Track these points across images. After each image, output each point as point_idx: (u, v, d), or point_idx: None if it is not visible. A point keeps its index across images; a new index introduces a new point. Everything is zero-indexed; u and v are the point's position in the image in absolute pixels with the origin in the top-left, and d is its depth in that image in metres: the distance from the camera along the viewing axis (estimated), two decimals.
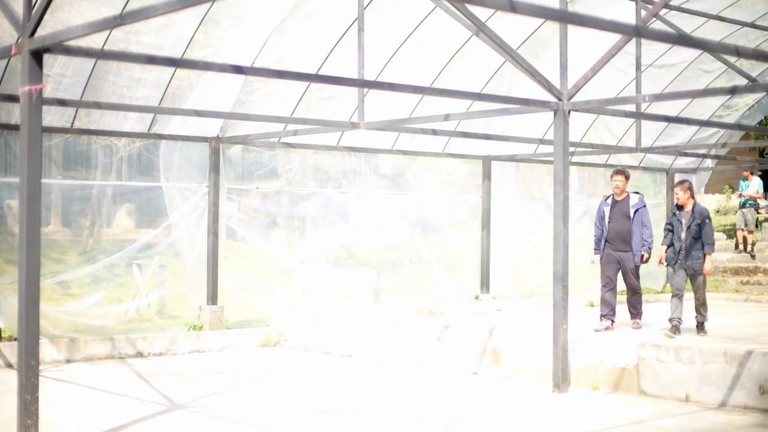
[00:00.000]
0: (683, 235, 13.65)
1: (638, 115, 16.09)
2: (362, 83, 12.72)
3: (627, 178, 14.73)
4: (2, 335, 13.85)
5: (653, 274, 21.83)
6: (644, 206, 14.62)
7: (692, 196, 13.88)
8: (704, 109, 22.01)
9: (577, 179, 22.09)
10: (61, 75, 14.01)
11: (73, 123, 14.69)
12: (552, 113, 12.00)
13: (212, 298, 15.92)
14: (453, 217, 20.23)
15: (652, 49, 17.96)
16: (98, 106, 13.87)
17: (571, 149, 16.97)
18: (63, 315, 14.60)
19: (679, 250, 13.70)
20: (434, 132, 16.52)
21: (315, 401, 11.04)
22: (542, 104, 12.22)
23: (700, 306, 13.62)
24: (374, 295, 18.40)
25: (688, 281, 13.77)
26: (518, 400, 11.17)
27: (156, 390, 11.62)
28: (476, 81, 17.43)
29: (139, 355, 14.35)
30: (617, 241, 14.47)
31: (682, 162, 23.78)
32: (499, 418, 10.17)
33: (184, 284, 16.26)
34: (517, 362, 12.56)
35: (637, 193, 14.80)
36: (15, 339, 13.15)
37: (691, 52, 19.16)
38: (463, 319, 15.68)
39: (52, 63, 13.69)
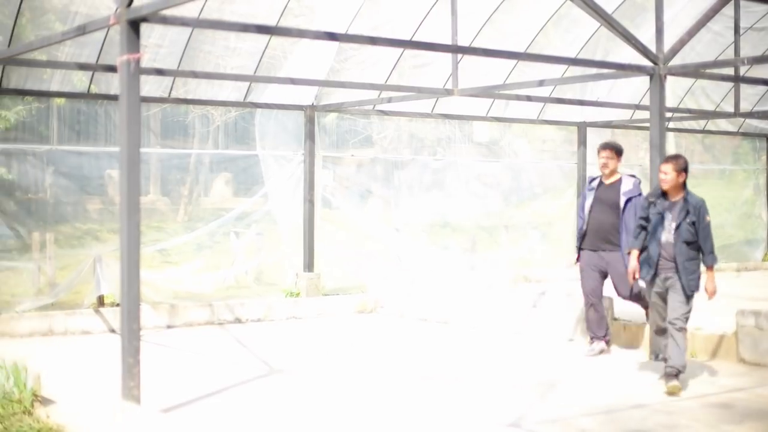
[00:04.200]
0: (665, 237, 9.58)
1: (737, 79, 15.82)
2: (456, 49, 12.71)
3: (618, 153, 11.56)
4: (105, 301, 14.16)
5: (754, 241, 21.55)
6: (640, 194, 11.23)
7: (686, 181, 9.73)
8: None
9: (674, 146, 21.79)
10: (158, 45, 14.21)
11: (170, 93, 14.90)
12: (648, 78, 11.84)
13: (309, 266, 16.06)
14: (548, 185, 20.15)
15: (751, 11, 17.60)
16: (194, 75, 14.06)
17: (668, 115, 16.76)
18: (163, 282, 14.86)
19: (657, 259, 9.62)
20: (528, 98, 16.43)
21: (412, 367, 11.10)
22: (638, 69, 12.08)
23: (677, 334, 9.55)
24: (469, 262, 18.39)
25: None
26: (614, 367, 11.09)
27: (254, 355, 11.79)
28: (571, 47, 17.26)
29: (237, 321, 14.55)
30: (597, 238, 11.47)
31: None
32: (595, 384, 10.12)
33: (281, 252, 16.43)
34: (613, 329, 12.46)
35: (633, 176, 11.62)
36: (117, 305, 13.46)
37: None
38: (559, 285, 15.59)
39: (149, 33, 13.89)
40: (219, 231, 16.07)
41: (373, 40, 12.63)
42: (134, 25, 7.84)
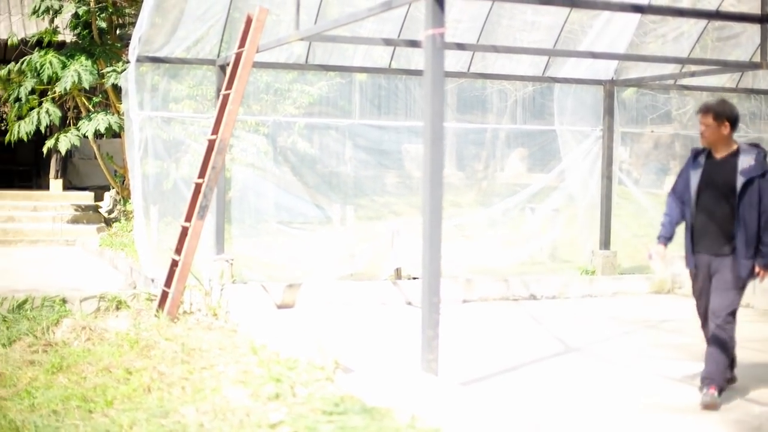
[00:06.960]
0: None
1: None
2: (765, 19, 12.12)
3: (720, 118, 8.01)
4: (402, 274, 14.40)
5: None
6: (766, 174, 7.93)
7: None
8: None
9: None
10: (457, 20, 14.30)
11: (469, 67, 14.96)
12: None
13: (605, 243, 15.79)
14: None
15: None
16: (495, 49, 14.02)
17: None
18: (459, 256, 14.97)
19: None
20: None
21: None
22: None
23: None
24: None
25: None
26: None
27: (549, 332, 11.71)
28: None
29: (532, 297, 14.48)
30: (707, 236, 8.33)
31: None
32: None
33: (576, 229, 16.22)
34: None
35: (755, 146, 8.12)
36: (414, 278, 13.68)
37: None
38: None
39: (449, 9, 13.95)
40: (514, 207, 16.04)
41: (679, 12, 12.22)
42: (440, 0, 7.86)
